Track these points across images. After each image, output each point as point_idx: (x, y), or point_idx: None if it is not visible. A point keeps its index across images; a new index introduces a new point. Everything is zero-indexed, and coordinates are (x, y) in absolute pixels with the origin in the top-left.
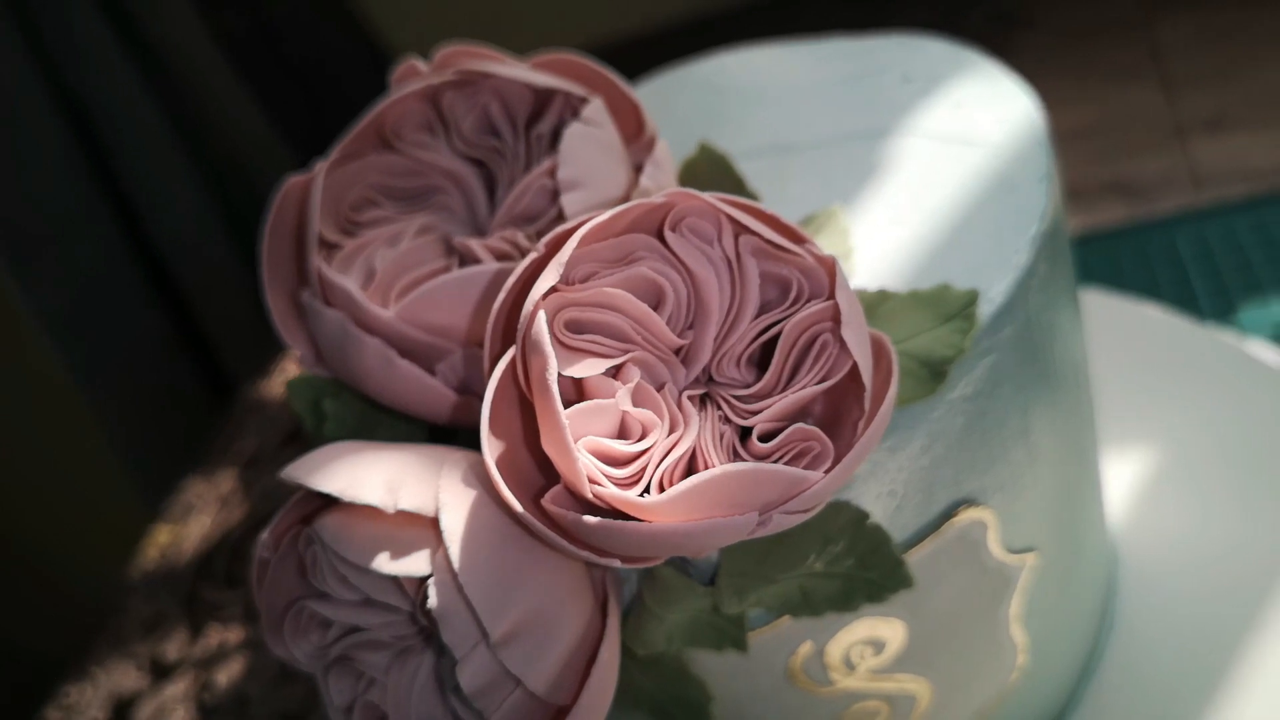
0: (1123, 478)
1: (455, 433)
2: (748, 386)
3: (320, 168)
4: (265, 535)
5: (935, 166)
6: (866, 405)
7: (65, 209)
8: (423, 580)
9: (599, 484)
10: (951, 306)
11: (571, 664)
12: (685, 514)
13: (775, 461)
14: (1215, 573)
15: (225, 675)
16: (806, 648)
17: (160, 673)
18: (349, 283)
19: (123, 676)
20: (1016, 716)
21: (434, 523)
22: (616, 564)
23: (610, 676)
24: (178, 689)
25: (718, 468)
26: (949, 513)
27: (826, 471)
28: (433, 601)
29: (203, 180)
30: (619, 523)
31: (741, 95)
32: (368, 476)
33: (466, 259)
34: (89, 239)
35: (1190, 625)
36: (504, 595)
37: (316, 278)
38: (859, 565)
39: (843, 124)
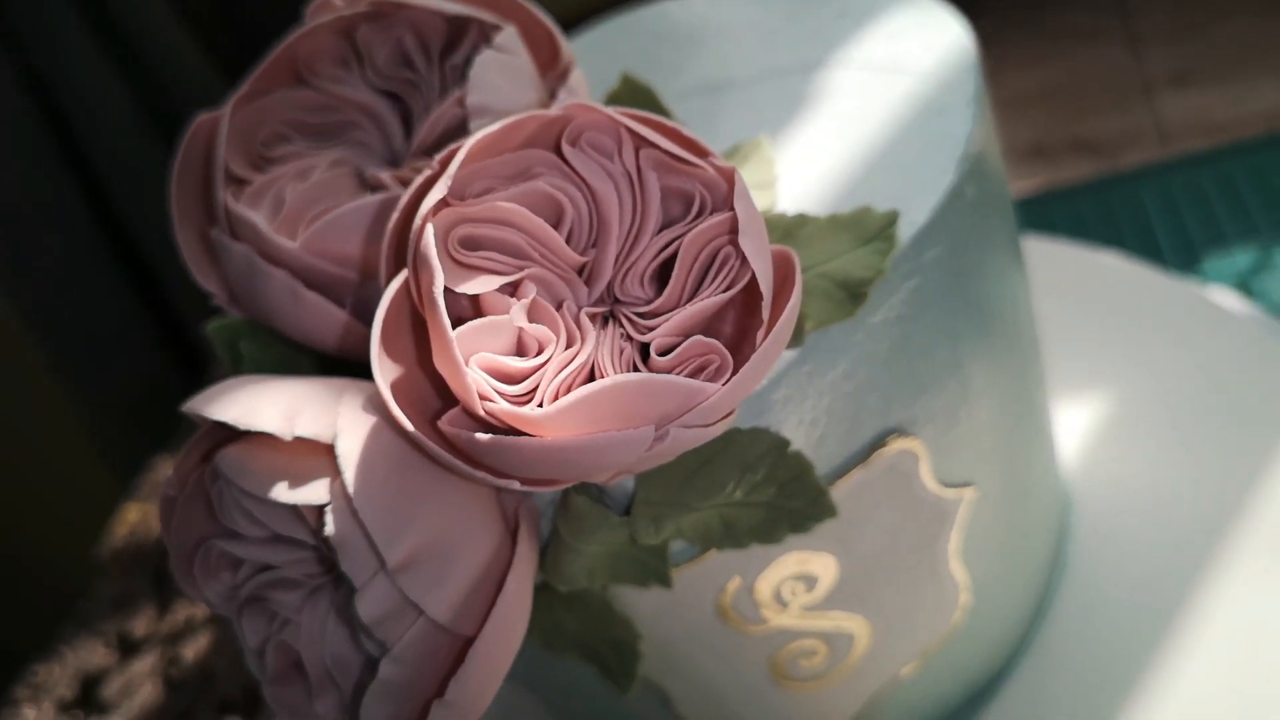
0: (1077, 423)
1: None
2: (650, 304)
3: (229, 103)
4: (170, 473)
5: (865, 96)
6: (765, 315)
7: (33, 194)
8: (322, 509)
9: (490, 400)
10: (871, 228)
11: (477, 593)
12: (578, 428)
13: (673, 375)
14: (1170, 519)
15: (192, 650)
16: (735, 583)
17: (128, 649)
18: (254, 215)
19: (90, 654)
20: (963, 659)
21: (332, 451)
22: (515, 485)
23: (520, 607)
24: (144, 665)
25: (609, 378)
26: (877, 443)
27: (725, 384)
28: (329, 529)
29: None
30: (510, 439)
31: (680, 39)
32: (265, 404)
33: (378, 191)
34: (59, 224)
35: (1143, 572)
36: (401, 521)
37: (223, 212)
38: (781, 494)
39: (777, 60)
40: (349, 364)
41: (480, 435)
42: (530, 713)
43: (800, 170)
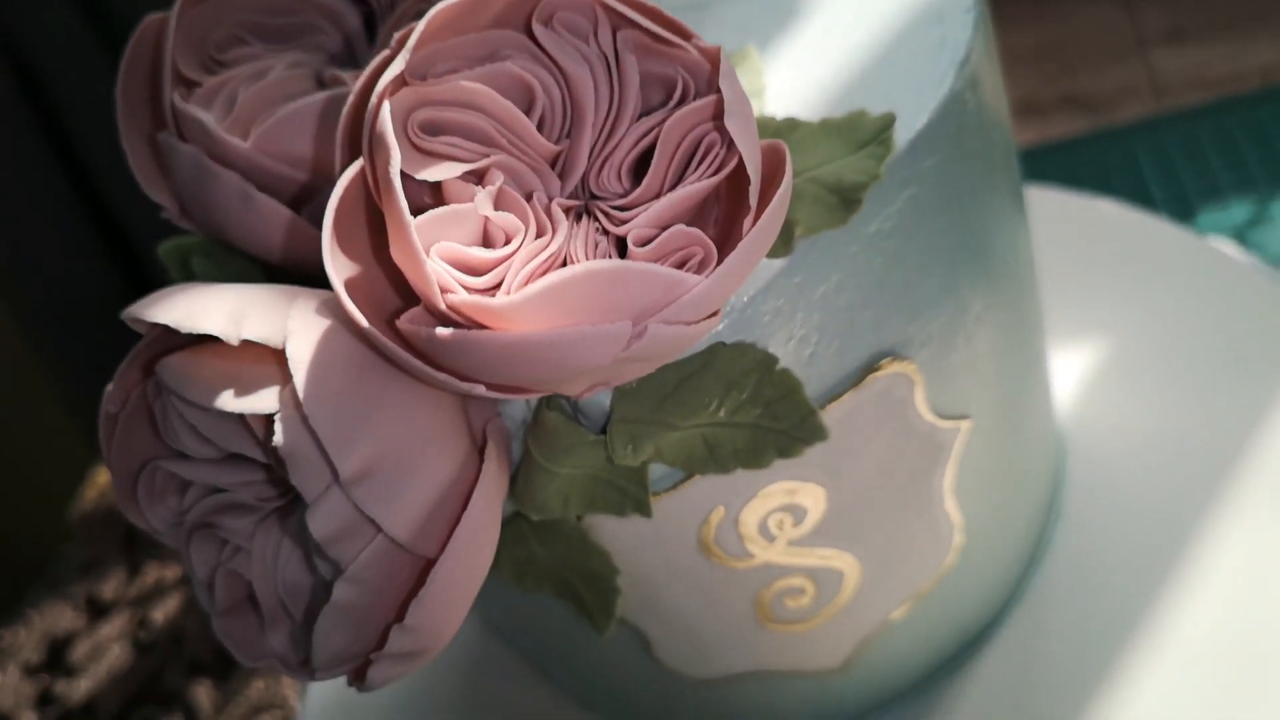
0: (1073, 370)
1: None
2: (626, 196)
3: (178, 1)
4: (110, 387)
5: (860, 4)
6: (753, 201)
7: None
8: (270, 418)
9: (451, 291)
10: (866, 132)
11: (439, 511)
12: (547, 320)
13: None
14: (1166, 467)
15: (162, 612)
16: (719, 514)
17: (97, 612)
18: (203, 114)
19: (58, 617)
20: (955, 604)
21: (282, 358)
22: (480, 390)
23: (487, 530)
24: (113, 627)
25: (582, 264)
26: (870, 366)
27: (708, 275)
28: (278, 438)
29: None
30: (474, 332)
31: None
32: (211, 307)
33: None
34: (32, 189)
35: (1139, 520)
36: (355, 428)
37: (171, 114)
38: (767, 414)
39: None
40: (305, 282)
41: (441, 330)
42: (502, 664)
43: (791, 79)
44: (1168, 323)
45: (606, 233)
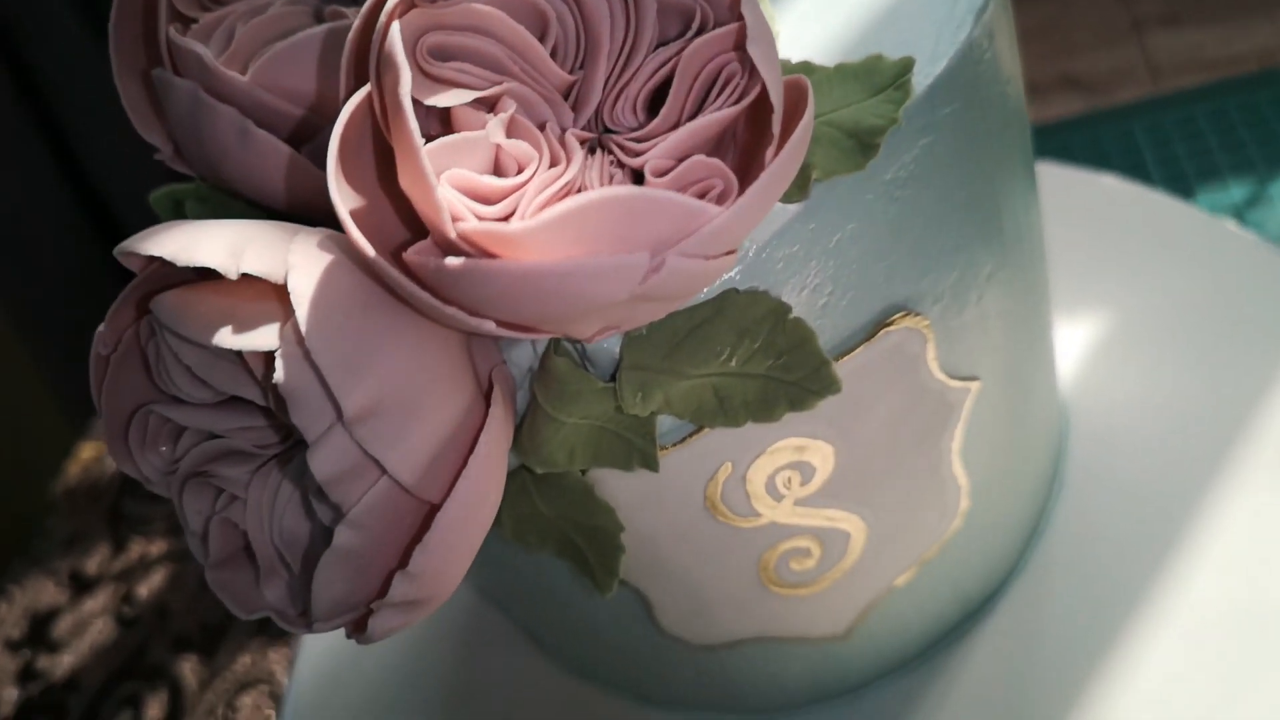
0: (1075, 342)
1: None
2: (642, 130)
3: None
4: (102, 328)
5: None
6: (776, 130)
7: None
8: (271, 356)
9: (462, 219)
10: (883, 77)
11: (445, 455)
12: (562, 249)
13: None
14: (1169, 438)
15: (146, 587)
16: (726, 470)
17: (81, 587)
18: (200, 47)
19: (41, 592)
20: (959, 571)
21: (284, 293)
22: (490, 327)
23: (493, 477)
24: (97, 603)
25: (598, 190)
26: (883, 320)
27: (730, 206)
28: (279, 375)
29: None
30: (486, 261)
31: None
32: (209, 240)
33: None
34: (14, 161)
35: (1141, 491)
36: (359, 364)
37: (167, 48)
38: (780, 365)
39: None
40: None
41: (451, 260)
42: (496, 633)
43: (803, 27)
44: (1170, 296)
45: (622, 165)
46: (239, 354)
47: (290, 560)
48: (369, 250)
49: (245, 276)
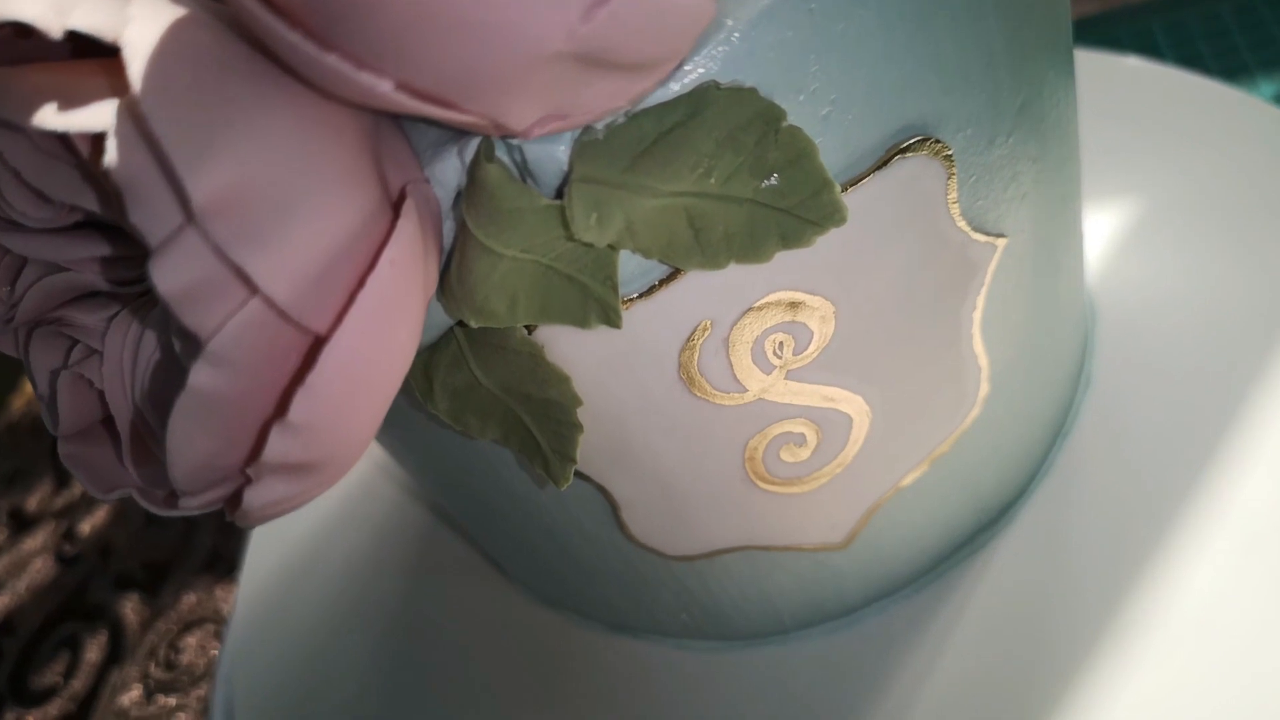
0: (1100, 232)
1: None
2: None
3: None
4: None
5: None
6: None
7: None
8: (103, 139)
9: None
10: None
11: (334, 273)
12: None
13: None
14: (1203, 330)
15: (89, 524)
16: (705, 331)
17: (20, 526)
18: None
19: None
20: (975, 471)
21: (122, 68)
22: (387, 89)
23: (398, 307)
24: (36, 541)
25: None
26: (897, 144)
27: None
28: (110, 157)
29: None
30: None
31: None
32: None
33: None
34: None
35: (1176, 388)
36: (212, 140)
37: None
38: (770, 188)
39: None
40: None
41: None
42: (455, 557)
43: None
44: (1200, 179)
45: None
46: (78, 154)
47: (155, 425)
48: None
49: (82, 48)
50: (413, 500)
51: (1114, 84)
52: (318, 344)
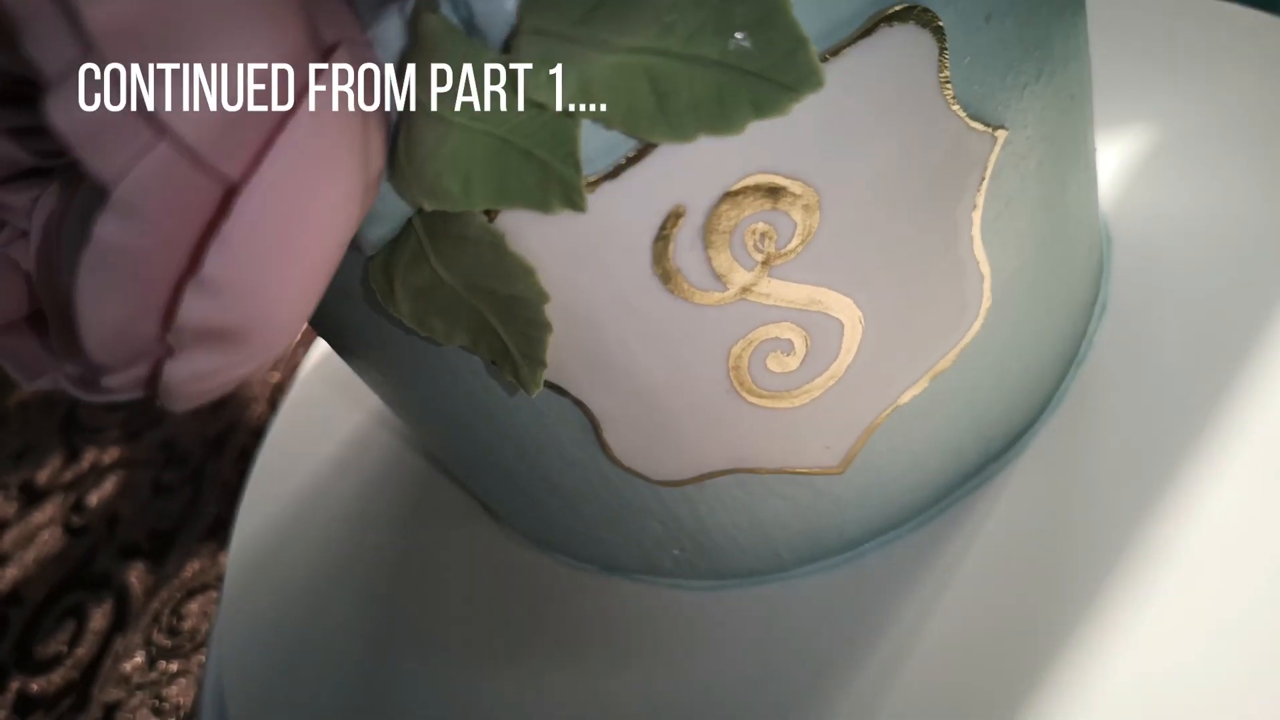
0: (1115, 158)
1: None
2: None
3: None
4: None
5: None
6: None
7: None
8: None
9: None
10: None
11: (250, 115)
12: None
13: None
14: (1222, 256)
15: (97, 495)
16: (679, 217)
17: (30, 499)
18: None
19: None
20: (980, 392)
21: None
22: None
23: (326, 157)
24: (45, 513)
25: None
26: (882, 9)
27: None
28: None
29: None
30: None
31: None
32: None
33: None
34: None
35: (1195, 315)
36: None
37: None
38: (740, 49)
39: None
40: None
41: None
42: (447, 501)
43: None
44: (1218, 102)
45: None
46: None
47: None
48: None
49: None
50: (408, 449)
51: (1131, 4)
52: (233, 192)
